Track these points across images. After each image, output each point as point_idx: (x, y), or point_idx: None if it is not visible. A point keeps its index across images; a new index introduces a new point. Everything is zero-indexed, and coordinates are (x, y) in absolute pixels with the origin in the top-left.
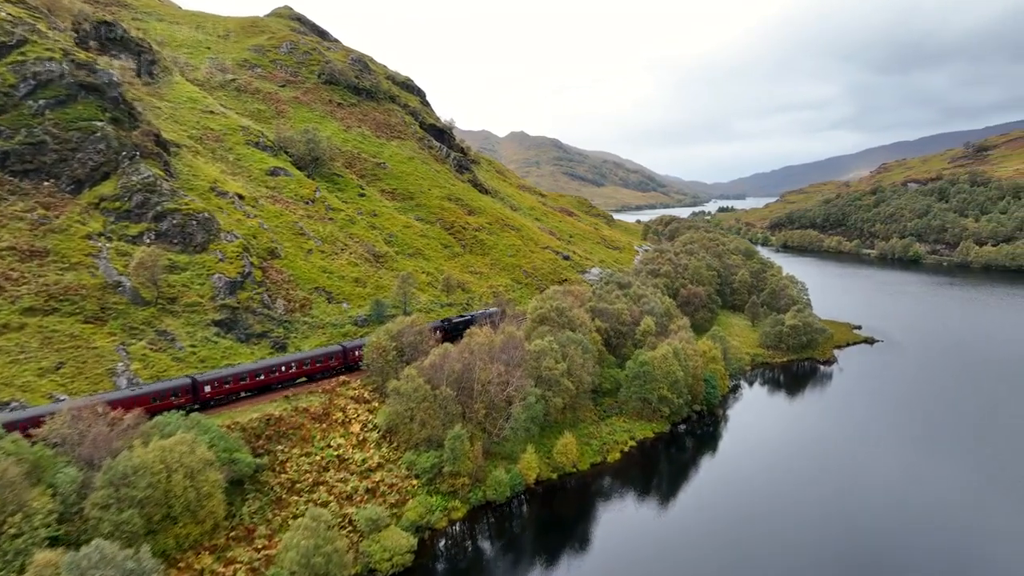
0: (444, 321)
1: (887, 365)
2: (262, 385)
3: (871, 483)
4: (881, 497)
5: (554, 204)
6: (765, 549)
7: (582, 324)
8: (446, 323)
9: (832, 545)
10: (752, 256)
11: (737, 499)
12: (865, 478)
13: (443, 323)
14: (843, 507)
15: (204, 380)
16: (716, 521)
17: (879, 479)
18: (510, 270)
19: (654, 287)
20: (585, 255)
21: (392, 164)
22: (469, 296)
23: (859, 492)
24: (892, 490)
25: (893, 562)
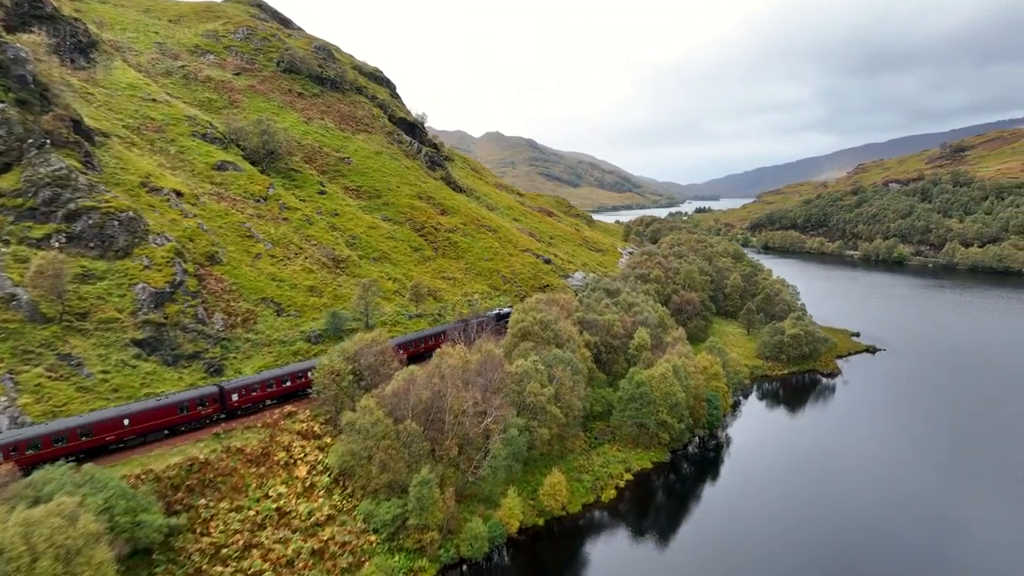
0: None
1: (893, 377)
2: (288, 392)
3: (898, 516)
4: (913, 536)
5: (533, 204)
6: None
7: (570, 339)
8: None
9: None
10: (741, 259)
11: (745, 536)
12: (891, 510)
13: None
14: (865, 543)
15: (231, 388)
16: (723, 562)
17: (907, 512)
18: (487, 275)
19: (645, 294)
20: (567, 258)
21: (357, 159)
22: (441, 306)
23: (886, 527)
24: (922, 524)
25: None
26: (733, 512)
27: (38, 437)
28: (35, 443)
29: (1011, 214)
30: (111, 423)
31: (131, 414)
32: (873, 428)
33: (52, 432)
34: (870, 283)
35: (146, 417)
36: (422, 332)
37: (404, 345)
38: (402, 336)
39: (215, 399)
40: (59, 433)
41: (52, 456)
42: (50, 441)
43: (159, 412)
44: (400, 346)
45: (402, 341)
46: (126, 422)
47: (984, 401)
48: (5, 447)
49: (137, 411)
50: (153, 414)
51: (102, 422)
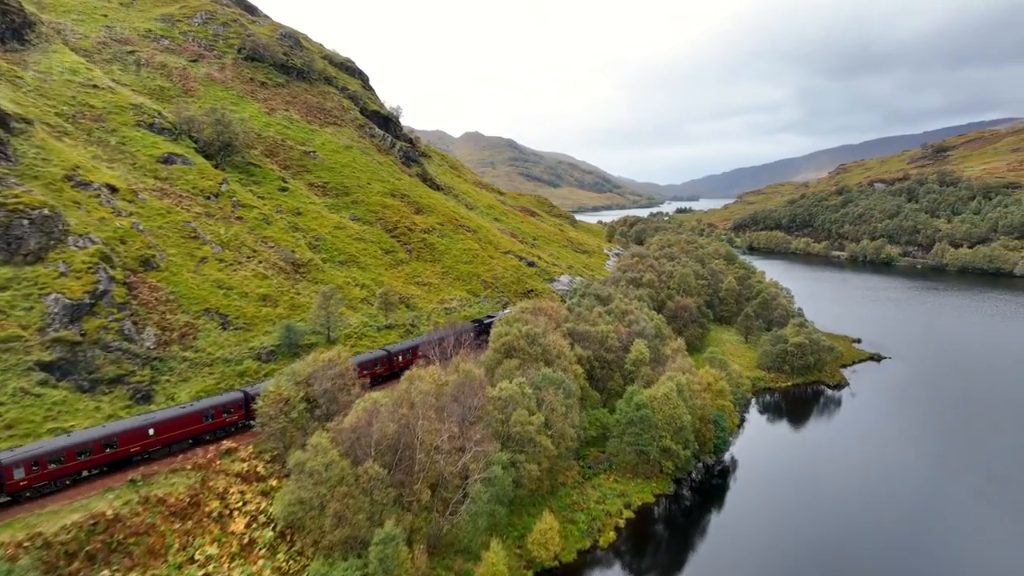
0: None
1: (903, 388)
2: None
3: (937, 557)
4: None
5: (514, 203)
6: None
7: (560, 355)
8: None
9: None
10: (733, 260)
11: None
12: (924, 553)
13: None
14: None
15: (256, 393)
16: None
17: (946, 551)
18: (466, 280)
19: (638, 300)
20: (552, 260)
21: (324, 154)
22: (414, 315)
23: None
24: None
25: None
26: (744, 550)
27: (61, 450)
28: (58, 456)
29: (1000, 214)
30: (136, 433)
31: (156, 423)
32: (889, 447)
33: (75, 444)
34: (862, 285)
35: (171, 426)
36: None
37: (369, 364)
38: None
39: (240, 405)
40: (82, 445)
41: (75, 470)
42: (73, 454)
43: (184, 420)
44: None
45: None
46: (151, 432)
47: (1007, 414)
48: (26, 461)
49: (162, 420)
50: (178, 423)
51: (127, 432)
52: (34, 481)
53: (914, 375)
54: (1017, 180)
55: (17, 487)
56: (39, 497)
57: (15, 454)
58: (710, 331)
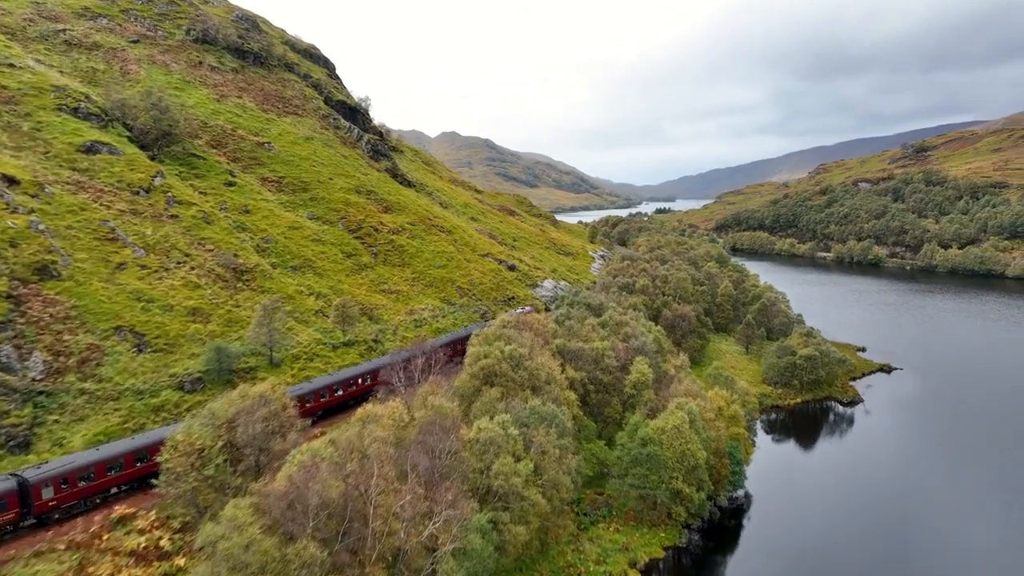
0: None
1: (921, 403)
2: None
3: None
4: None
5: (493, 202)
6: None
7: (550, 380)
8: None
9: None
10: (725, 263)
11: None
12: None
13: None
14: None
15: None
16: None
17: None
18: (439, 286)
19: (633, 309)
20: (534, 264)
21: (281, 145)
22: (379, 328)
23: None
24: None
25: None
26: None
27: (91, 465)
28: (87, 473)
29: (989, 214)
30: (336, 387)
31: (348, 379)
32: (917, 471)
33: (106, 459)
34: (854, 288)
35: (356, 382)
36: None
37: (313, 395)
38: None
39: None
40: (113, 460)
41: (105, 487)
42: (104, 469)
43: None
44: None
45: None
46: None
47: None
48: (56, 479)
49: (349, 377)
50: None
51: (158, 444)
52: (63, 501)
53: (930, 388)
54: (1004, 180)
55: (46, 508)
56: (68, 519)
57: (42, 472)
58: (710, 341)
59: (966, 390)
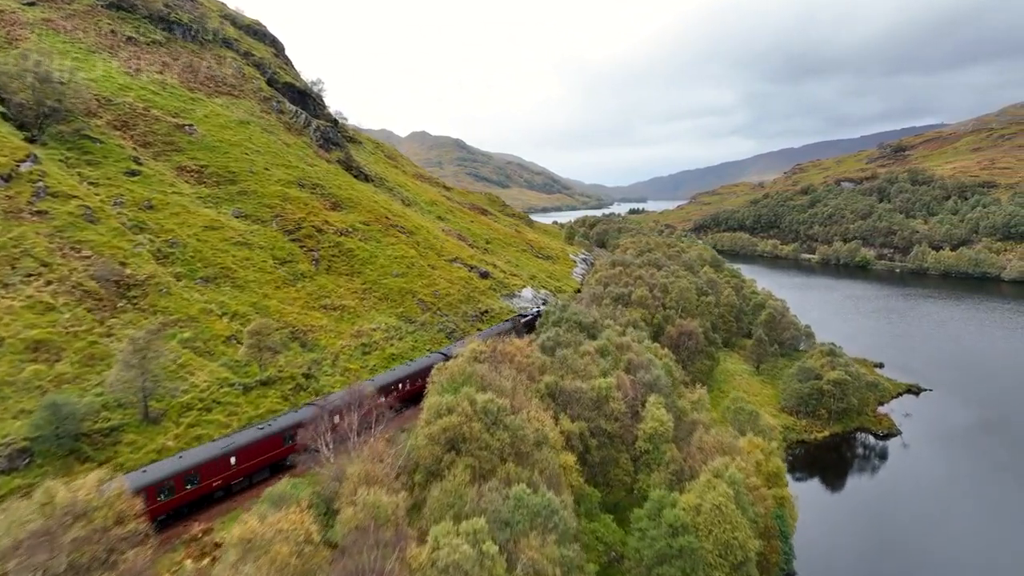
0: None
1: (966, 435)
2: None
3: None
4: None
5: (463, 200)
6: None
7: (541, 441)
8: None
9: None
10: (721, 267)
11: None
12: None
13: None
14: None
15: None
16: None
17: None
18: (396, 299)
19: (633, 327)
20: (510, 269)
21: (207, 129)
22: (314, 359)
23: None
24: None
25: None
26: None
27: (141, 490)
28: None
29: (981, 215)
30: (218, 463)
31: (237, 449)
32: (985, 526)
33: (156, 481)
34: (850, 293)
35: (253, 451)
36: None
37: (168, 483)
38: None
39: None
40: (163, 483)
41: (155, 514)
42: (155, 494)
43: (264, 445)
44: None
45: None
46: (232, 460)
47: None
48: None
49: (243, 445)
50: (259, 447)
51: (208, 463)
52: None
53: (973, 416)
54: (992, 179)
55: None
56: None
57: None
58: (719, 362)
59: (1014, 418)
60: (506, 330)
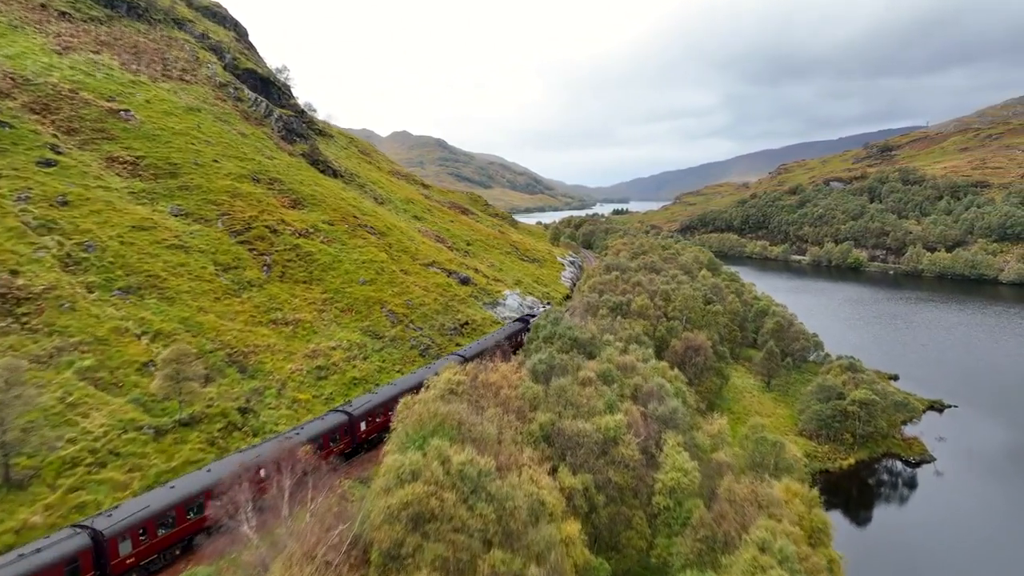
0: None
1: (1007, 459)
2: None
3: None
4: None
5: (442, 199)
6: None
7: (537, 514)
8: None
9: None
10: (718, 270)
11: None
12: None
13: None
14: None
15: (360, 414)
16: None
17: None
18: (362, 310)
19: (638, 344)
20: (493, 273)
21: (147, 116)
22: (255, 387)
23: None
24: None
25: None
26: None
27: (169, 509)
28: (167, 518)
29: (975, 215)
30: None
31: (264, 463)
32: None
33: (184, 499)
34: (846, 297)
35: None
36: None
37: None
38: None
39: (345, 430)
40: (192, 500)
41: (183, 535)
42: (184, 512)
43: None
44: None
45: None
46: (262, 473)
47: None
48: (133, 529)
49: (271, 456)
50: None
51: (238, 475)
52: (143, 556)
53: (1008, 436)
54: (984, 179)
55: (123, 567)
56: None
57: (116, 520)
58: (728, 379)
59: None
60: (498, 343)
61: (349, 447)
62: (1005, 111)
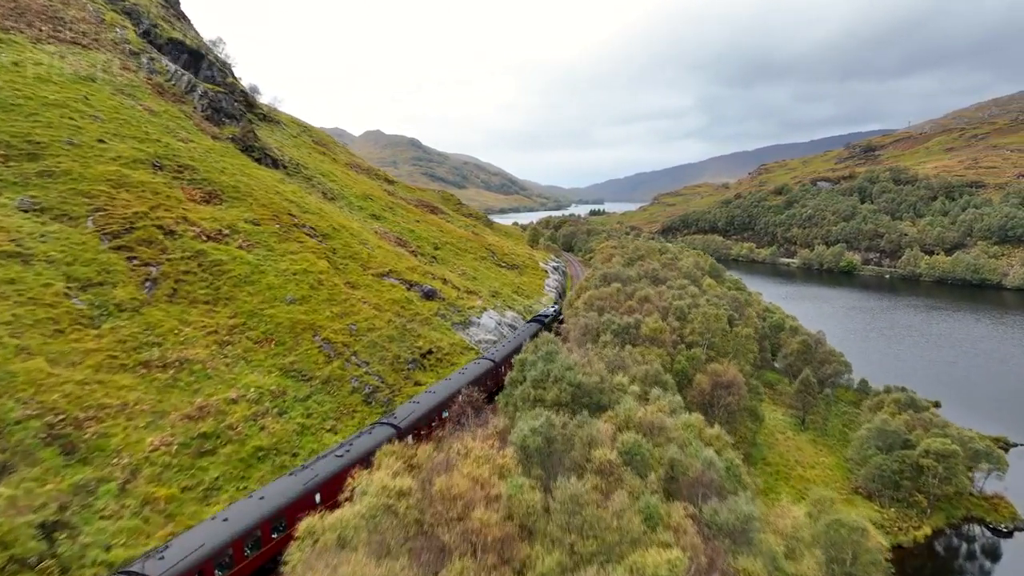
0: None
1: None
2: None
3: None
4: None
5: (409, 196)
6: None
7: None
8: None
9: None
10: (721, 277)
11: None
12: None
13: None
14: None
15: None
16: None
17: None
18: (286, 340)
19: (661, 388)
20: (466, 285)
21: (5, 80)
22: (80, 483)
23: None
24: None
25: None
26: None
27: (226, 546)
28: (223, 556)
29: (974, 216)
30: (303, 502)
31: (322, 483)
32: None
33: (241, 534)
34: (848, 304)
35: (338, 485)
36: None
37: None
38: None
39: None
40: (249, 534)
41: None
42: (242, 548)
43: (348, 475)
44: None
45: None
46: (317, 498)
47: None
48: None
49: (327, 476)
50: (343, 479)
51: (294, 503)
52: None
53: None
54: (979, 179)
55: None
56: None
57: (168, 564)
58: (763, 420)
59: None
60: (474, 380)
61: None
62: (981, 112)
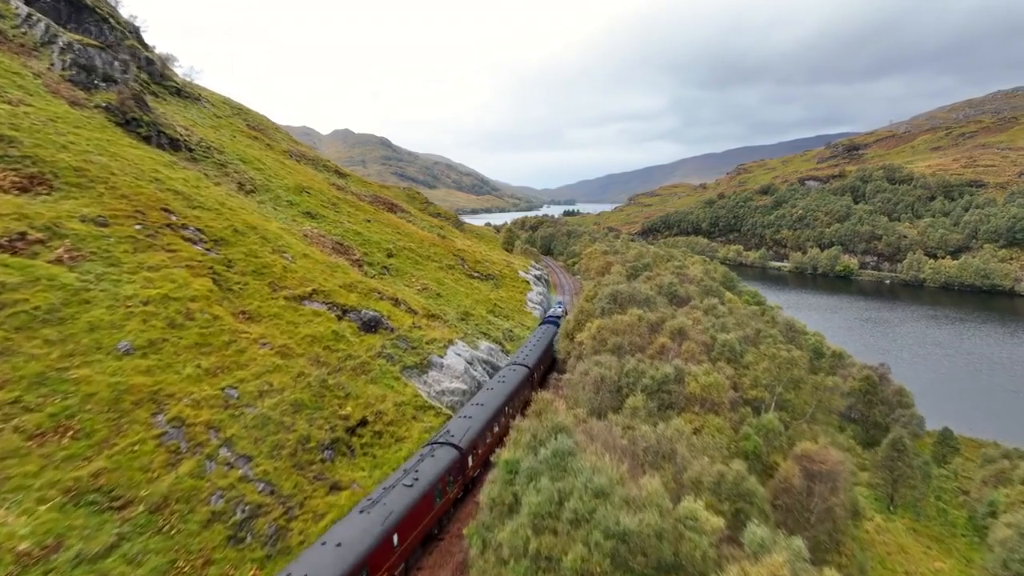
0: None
1: None
2: None
3: None
4: None
5: (362, 191)
6: None
7: None
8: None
9: None
10: (735, 288)
11: None
12: None
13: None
14: None
15: (467, 448)
16: None
17: None
18: (103, 428)
19: (757, 522)
20: (426, 305)
21: None
22: None
23: None
24: None
25: None
26: None
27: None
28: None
29: (978, 218)
30: (383, 547)
31: (397, 524)
32: None
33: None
34: (864, 316)
35: (412, 521)
36: None
37: None
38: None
39: (458, 468)
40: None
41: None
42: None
43: (421, 509)
44: None
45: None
46: (395, 540)
47: None
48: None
49: (401, 514)
50: (417, 514)
51: (375, 550)
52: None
53: None
54: (978, 178)
55: None
56: None
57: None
58: (863, 520)
59: None
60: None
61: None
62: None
